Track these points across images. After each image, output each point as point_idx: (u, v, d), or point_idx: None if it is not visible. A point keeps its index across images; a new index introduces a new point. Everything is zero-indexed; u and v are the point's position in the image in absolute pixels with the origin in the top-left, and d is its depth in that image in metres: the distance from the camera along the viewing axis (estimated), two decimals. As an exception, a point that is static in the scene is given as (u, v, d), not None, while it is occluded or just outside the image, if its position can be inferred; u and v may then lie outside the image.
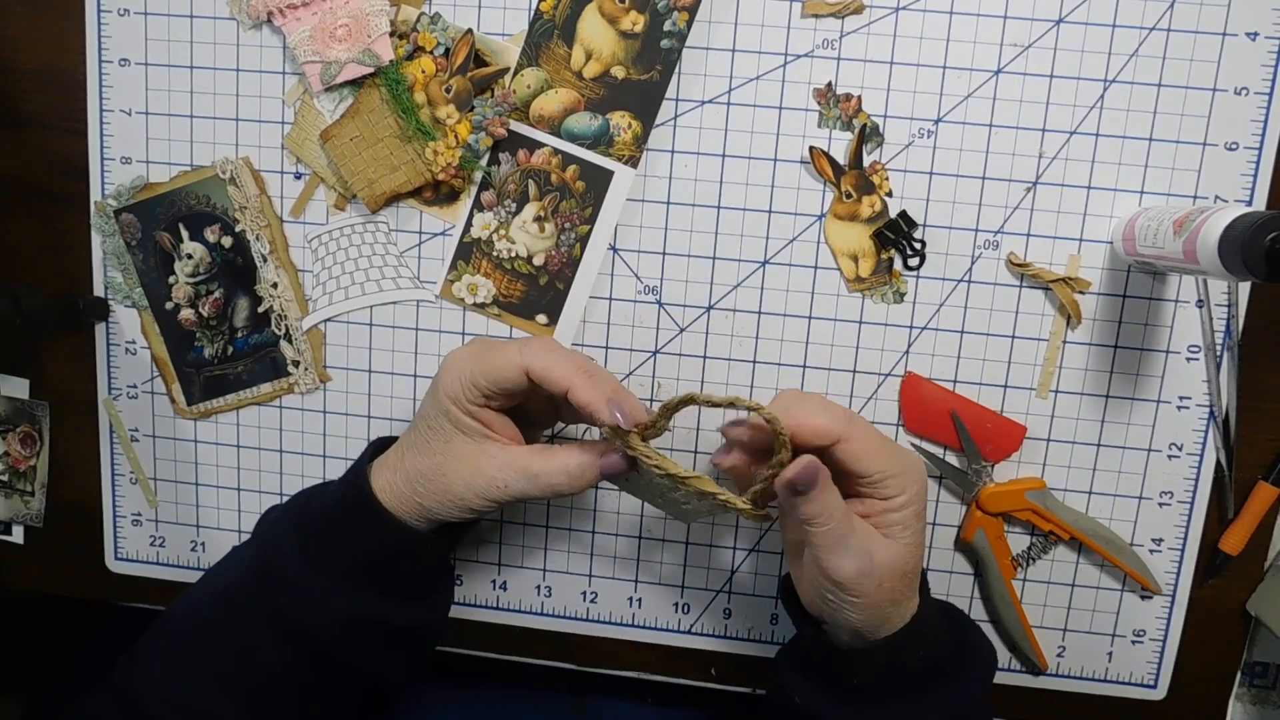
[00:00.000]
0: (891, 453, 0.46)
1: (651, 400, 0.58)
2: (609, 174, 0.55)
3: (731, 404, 0.44)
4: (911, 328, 0.55)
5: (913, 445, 0.57)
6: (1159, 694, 0.58)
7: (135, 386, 0.62)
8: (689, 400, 0.45)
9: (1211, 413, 0.55)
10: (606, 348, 0.58)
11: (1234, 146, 0.52)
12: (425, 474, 0.48)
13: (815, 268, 0.55)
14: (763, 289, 0.56)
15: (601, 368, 0.48)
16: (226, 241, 0.59)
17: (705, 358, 0.57)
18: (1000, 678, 0.59)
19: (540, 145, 0.55)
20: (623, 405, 0.45)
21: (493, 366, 0.46)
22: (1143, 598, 0.57)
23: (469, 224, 0.57)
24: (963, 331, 0.55)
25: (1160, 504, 0.56)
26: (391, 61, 0.54)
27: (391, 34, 0.54)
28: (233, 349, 0.60)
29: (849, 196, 0.54)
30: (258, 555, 0.50)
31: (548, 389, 0.46)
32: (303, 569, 0.48)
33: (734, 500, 0.46)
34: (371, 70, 0.54)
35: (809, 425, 0.44)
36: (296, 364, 0.60)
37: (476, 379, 0.46)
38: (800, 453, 0.44)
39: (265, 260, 0.59)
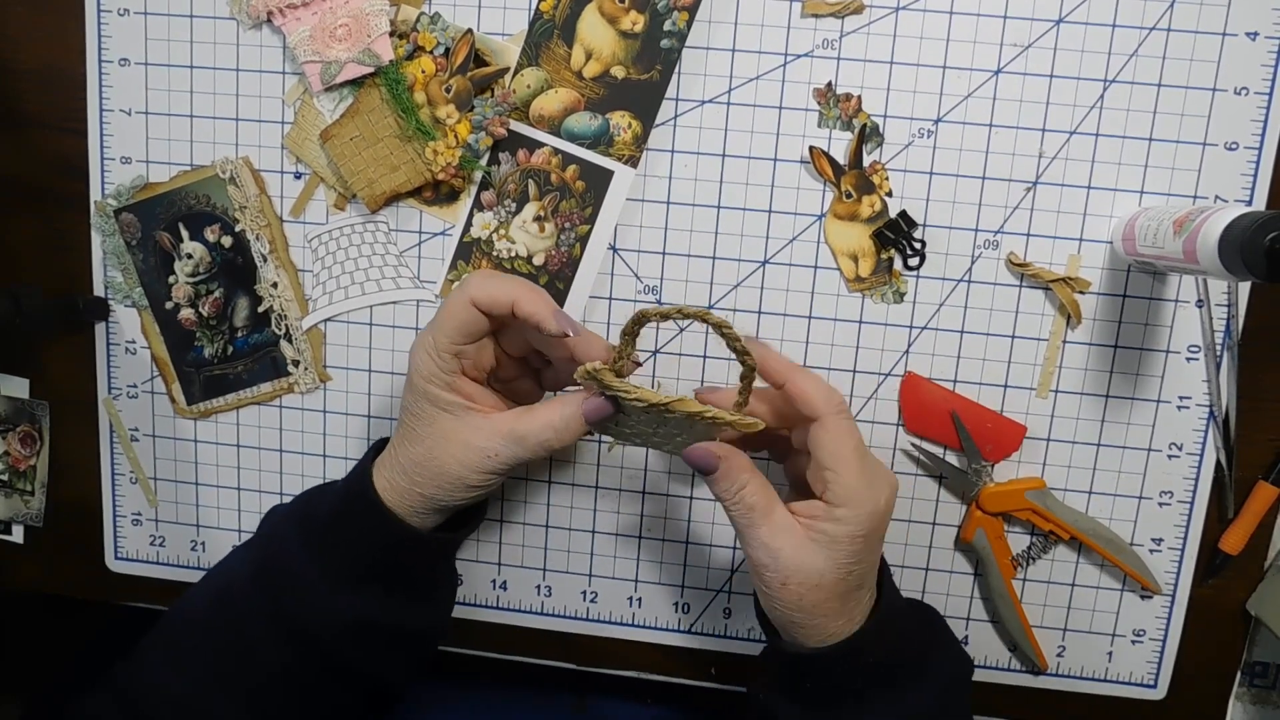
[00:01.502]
0: (859, 466, 0.45)
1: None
2: (609, 174, 0.55)
3: (680, 313, 0.46)
4: (911, 328, 0.55)
5: (913, 445, 0.57)
6: (1159, 694, 0.58)
7: (135, 386, 0.62)
8: (642, 318, 0.46)
9: (1211, 413, 0.55)
10: (606, 347, 0.58)
11: (1234, 146, 0.52)
12: (419, 461, 0.48)
13: (815, 268, 0.55)
14: (763, 289, 0.56)
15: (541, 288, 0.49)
16: (226, 241, 0.59)
17: (705, 357, 0.57)
18: (1000, 678, 0.59)
19: (540, 145, 0.55)
20: (569, 318, 0.46)
21: (445, 318, 0.47)
22: (1143, 597, 0.57)
23: (469, 224, 0.57)
24: (963, 331, 0.55)
25: (1160, 504, 0.56)
26: (391, 61, 0.54)
27: (391, 34, 0.54)
28: (233, 349, 0.60)
29: (849, 196, 0.54)
30: (261, 554, 0.50)
31: (496, 313, 0.47)
32: (306, 567, 0.48)
33: (721, 414, 0.46)
34: (371, 70, 0.54)
35: (800, 389, 0.46)
36: (296, 364, 0.60)
37: (439, 340, 0.47)
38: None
39: (265, 260, 0.59)
